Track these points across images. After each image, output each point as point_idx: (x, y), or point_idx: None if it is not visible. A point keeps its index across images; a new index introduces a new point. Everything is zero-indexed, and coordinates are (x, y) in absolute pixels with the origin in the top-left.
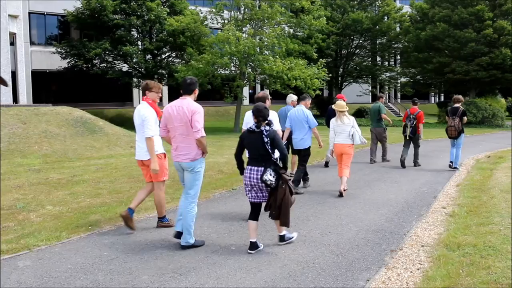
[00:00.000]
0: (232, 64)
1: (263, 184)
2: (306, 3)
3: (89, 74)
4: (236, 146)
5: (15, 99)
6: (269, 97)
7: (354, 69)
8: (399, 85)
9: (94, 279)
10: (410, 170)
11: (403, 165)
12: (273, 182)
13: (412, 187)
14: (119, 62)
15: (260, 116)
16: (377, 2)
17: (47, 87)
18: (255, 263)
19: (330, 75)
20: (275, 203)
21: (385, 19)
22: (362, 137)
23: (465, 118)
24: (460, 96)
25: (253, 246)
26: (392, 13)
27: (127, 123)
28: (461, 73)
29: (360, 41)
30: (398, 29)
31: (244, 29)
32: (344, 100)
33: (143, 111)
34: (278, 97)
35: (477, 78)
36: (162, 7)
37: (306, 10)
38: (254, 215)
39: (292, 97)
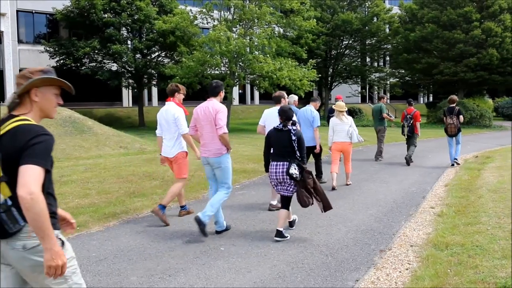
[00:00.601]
0: (222, 64)
1: (288, 177)
2: (296, 4)
3: (78, 73)
4: (264, 145)
5: (2, 98)
6: (286, 96)
7: (343, 69)
8: (388, 85)
9: None
10: (399, 170)
11: (407, 163)
12: (298, 175)
13: (401, 187)
14: (108, 61)
15: (285, 116)
16: (366, 3)
17: None
18: (245, 264)
19: (320, 75)
20: (312, 196)
21: (375, 20)
22: (359, 136)
23: (462, 116)
24: (455, 97)
25: (280, 234)
26: (381, 14)
27: (117, 123)
28: (449, 74)
29: (350, 42)
30: (387, 30)
31: (234, 29)
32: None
33: (173, 110)
34: (266, 97)
35: (465, 79)
36: (151, 6)
37: (296, 11)
38: (285, 205)
39: (294, 97)
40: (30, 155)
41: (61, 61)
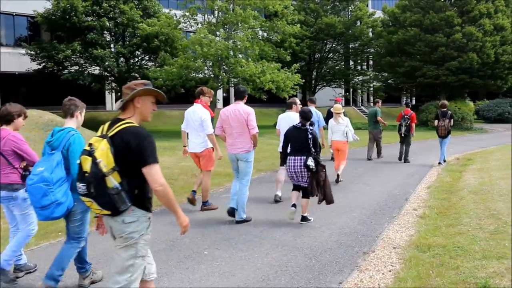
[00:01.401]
0: (205, 68)
1: (305, 169)
2: (279, 7)
3: (60, 77)
4: (283, 142)
5: None
6: (298, 102)
7: (327, 73)
8: (371, 89)
9: (63, 286)
10: (383, 173)
11: (400, 159)
12: (314, 167)
13: (384, 190)
14: (90, 65)
15: (305, 117)
16: (350, 7)
17: (16, 90)
18: (228, 268)
19: (303, 80)
20: (320, 189)
21: (358, 24)
22: (354, 135)
23: (452, 120)
24: (446, 102)
25: (304, 218)
26: (364, 18)
27: (100, 127)
28: (431, 77)
29: (333, 45)
30: (370, 34)
31: (217, 33)
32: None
33: (201, 112)
34: (250, 100)
35: (447, 82)
36: (135, 9)
37: (279, 14)
38: (304, 194)
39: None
40: (149, 157)
41: (42, 64)
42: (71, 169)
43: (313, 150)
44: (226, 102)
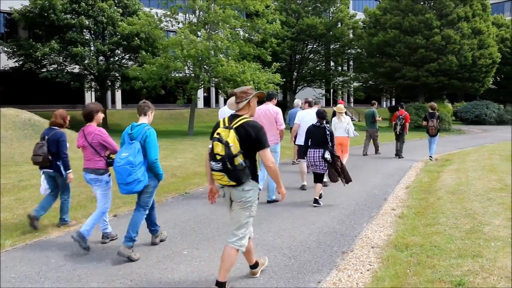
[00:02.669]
0: (186, 67)
1: (323, 160)
2: (260, 6)
3: (38, 75)
4: (305, 138)
5: None
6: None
7: (308, 73)
8: (351, 89)
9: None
10: (363, 173)
11: (398, 156)
12: (330, 159)
13: (364, 190)
14: (70, 63)
15: (322, 117)
16: (331, 9)
17: None
18: (207, 267)
19: (284, 79)
20: (339, 172)
21: (339, 25)
22: (355, 132)
23: (439, 120)
24: (434, 104)
25: (316, 201)
26: (345, 19)
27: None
28: (411, 78)
29: (314, 46)
30: (351, 35)
31: (199, 32)
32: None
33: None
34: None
35: (426, 83)
36: (115, 7)
37: (260, 13)
38: (318, 180)
39: (299, 101)
40: (263, 143)
41: (20, 62)
42: (147, 155)
43: (330, 144)
44: (207, 103)
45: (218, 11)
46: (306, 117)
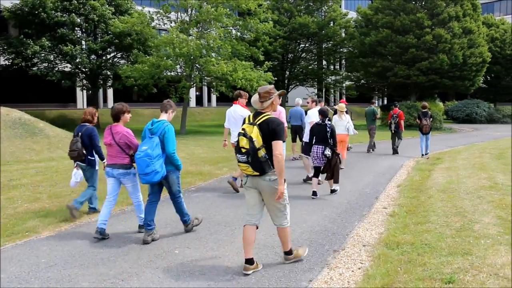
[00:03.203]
0: (178, 66)
1: (323, 156)
2: (252, 5)
3: (28, 73)
4: (309, 135)
5: None
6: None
7: (300, 72)
8: (344, 88)
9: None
10: (354, 172)
11: (395, 152)
12: (330, 155)
13: (355, 188)
14: (61, 62)
15: (324, 115)
16: (323, 8)
17: None
18: (199, 267)
19: (276, 78)
20: (330, 169)
21: (331, 24)
22: (354, 130)
23: (432, 118)
24: (426, 104)
25: (314, 193)
26: (338, 19)
27: (71, 125)
28: (403, 77)
29: (307, 45)
30: (343, 34)
31: (191, 31)
32: (343, 103)
33: (241, 112)
34: (223, 99)
35: (417, 82)
36: (107, 6)
37: (252, 12)
38: (316, 174)
39: (299, 100)
40: (278, 135)
41: (10, 60)
42: (165, 149)
43: (331, 141)
44: (199, 102)
45: (210, 10)
46: (314, 115)
